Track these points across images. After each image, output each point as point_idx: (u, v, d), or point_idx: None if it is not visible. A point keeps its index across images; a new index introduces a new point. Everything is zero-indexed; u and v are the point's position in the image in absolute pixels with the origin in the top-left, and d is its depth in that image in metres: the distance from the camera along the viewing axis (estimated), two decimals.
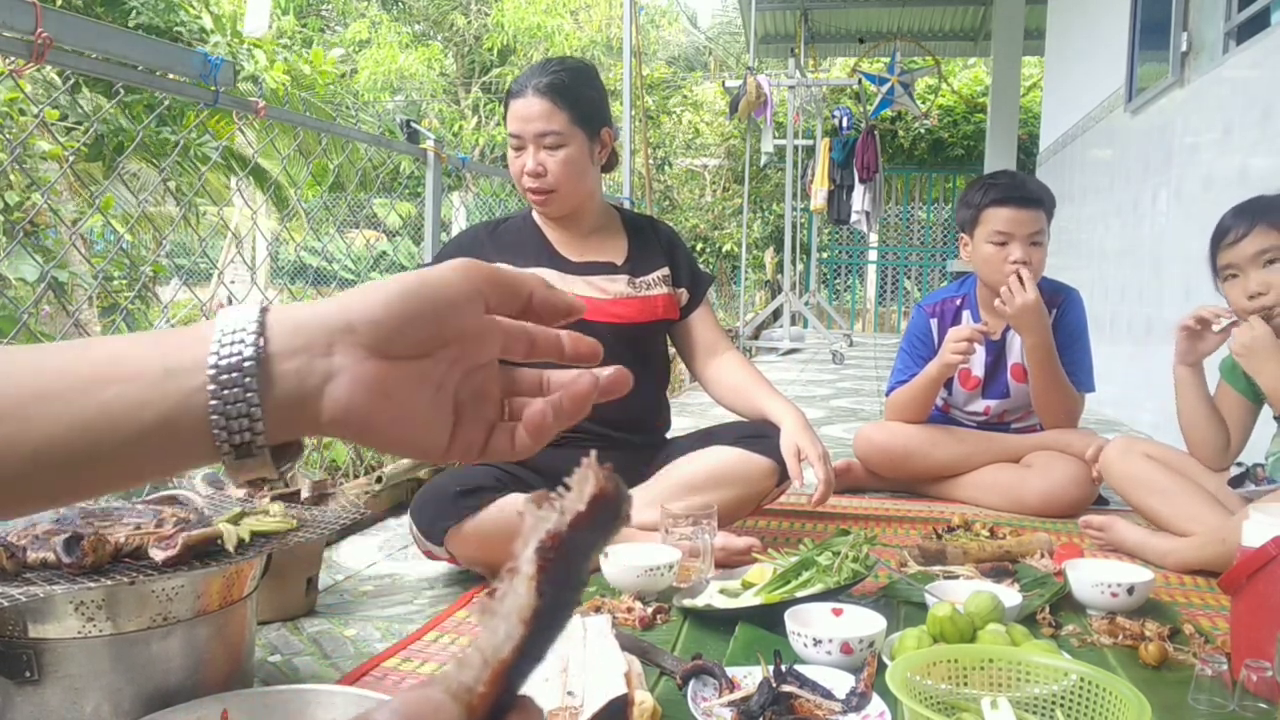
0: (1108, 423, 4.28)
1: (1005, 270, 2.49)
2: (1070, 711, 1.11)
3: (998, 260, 2.51)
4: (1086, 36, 5.98)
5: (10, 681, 1.11)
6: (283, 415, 0.44)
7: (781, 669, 1.27)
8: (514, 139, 2.08)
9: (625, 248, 2.20)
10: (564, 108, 2.03)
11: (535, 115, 2.03)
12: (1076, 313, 2.64)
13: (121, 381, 0.42)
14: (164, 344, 0.44)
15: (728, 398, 2.22)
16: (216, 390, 0.42)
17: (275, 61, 6.80)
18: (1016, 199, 2.51)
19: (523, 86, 2.06)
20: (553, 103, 2.03)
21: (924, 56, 10.80)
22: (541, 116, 2.02)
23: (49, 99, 3.57)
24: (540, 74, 2.06)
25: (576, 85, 2.07)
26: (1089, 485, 2.51)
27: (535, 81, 2.04)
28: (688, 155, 14.89)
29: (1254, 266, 2.02)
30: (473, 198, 6.27)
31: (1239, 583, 1.37)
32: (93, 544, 1.11)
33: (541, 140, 2.04)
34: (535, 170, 2.04)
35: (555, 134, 2.03)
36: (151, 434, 0.43)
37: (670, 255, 2.25)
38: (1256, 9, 3.32)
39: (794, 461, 2.00)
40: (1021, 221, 2.50)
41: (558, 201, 2.09)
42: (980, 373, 2.70)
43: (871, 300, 13.00)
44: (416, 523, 1.89)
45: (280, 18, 9.57)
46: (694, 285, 2.27)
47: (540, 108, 2.02)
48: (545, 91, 2.03)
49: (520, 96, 2.05)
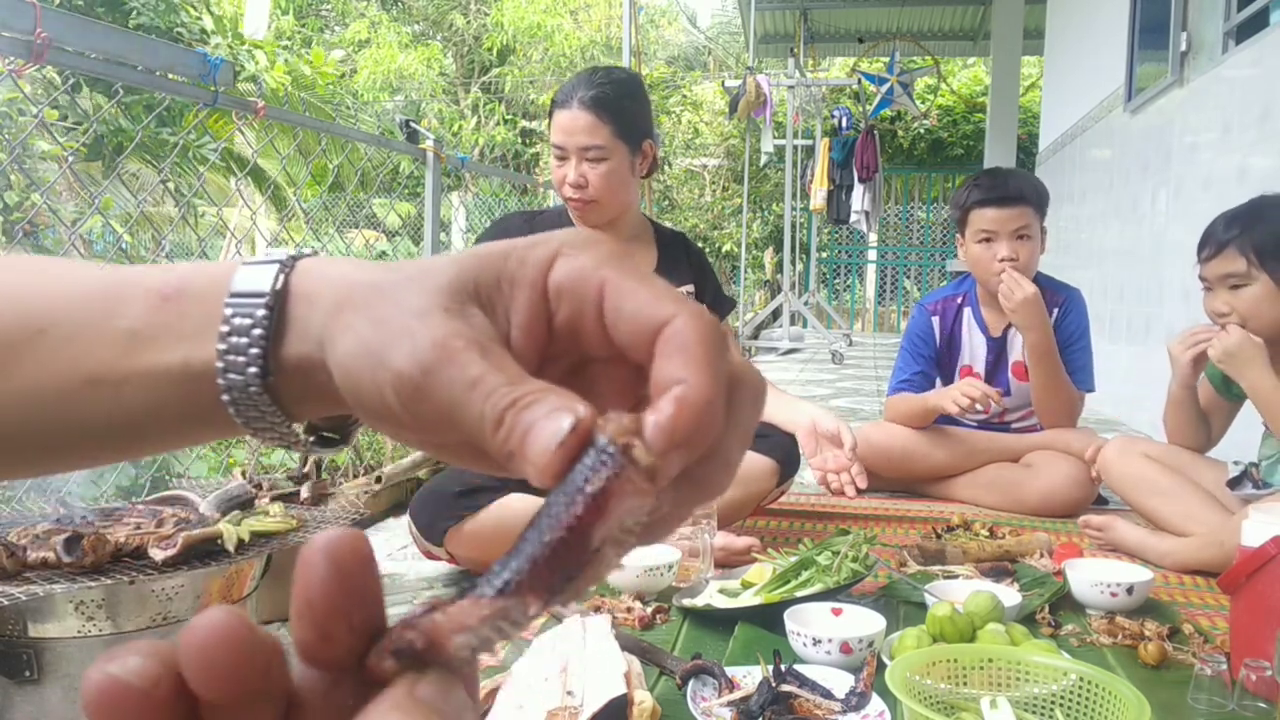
0: (1107, 422, 4.28)
1: (994, 269, 2.52)
2: (1070, 711, 1.11)
3: (986, 259, 2.54)
4: (1086, 36, 5.98)
5: (10, 681, 1.11)
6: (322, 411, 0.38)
7: (781, 669, 1.27)
8: (557, 149, 2.09)
9: (654, 261, 2.22)
10: (607, 121, 2.04)
11: (579, 129, 2.03)
12: (1078, 312, 2.65)
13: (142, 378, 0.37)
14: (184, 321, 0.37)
15: None
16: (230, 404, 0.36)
17: (275, 62, 6.80)
18: (997, 199, 2.54)
19: (568, 98, 2.06)
20: (597, 116, 2.04)
21: (923, 56, 10.81)
22: (585, 130, 2.03)
23: (49, 99, 3.57)
24: (586, 86, 2.06)
25: (621, 98, 2.08)
26: (1088, 485, 2.51)
27: (581, 94, 2.05)
28: (687, 155, 14.88)
29: (1221, 286, 2.06)
30: (472, 198, 6.27)
31: (1238, 582, 1.37)
32: (93, 544, 1.11)
33: (585, 153, 2.05)
34: (577, 182, 2.06)
35: (598, 148, 2.04)
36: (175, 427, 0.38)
37: (699, 275, 2.28)
38: (1256, 9, 3.32)
39: (809, 439, 2.02)
40: (1004, 219, 2.53)
41: (597, 212, 2.11)
42: (981, 370, 2.70)
43: (871, 300, 13.00)
44: (416, 523, 1.89)
45: (280, 18, 9.57)
46: (715, 306, 2.29)
47: (585, 121, 2.03)
48: (590, 105, 2.04)
49: (565, 108, 2.06)
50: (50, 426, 0.38)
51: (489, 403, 0.29)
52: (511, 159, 13.96)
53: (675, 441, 0.27)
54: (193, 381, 0.37)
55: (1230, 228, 2.06)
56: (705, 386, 0.28)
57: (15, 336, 0.37)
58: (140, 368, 0.37)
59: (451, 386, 0.30)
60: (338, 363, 0.34)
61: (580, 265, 0.32)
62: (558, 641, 1.34)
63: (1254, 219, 2.04)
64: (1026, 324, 2.49)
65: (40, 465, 0.41)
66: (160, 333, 0.37)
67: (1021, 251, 2.52)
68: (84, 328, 0.37)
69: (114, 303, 0.37)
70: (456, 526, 1.82)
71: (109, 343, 0.37)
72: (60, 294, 0.38)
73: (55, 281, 0.39)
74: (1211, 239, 2.09)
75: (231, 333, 0.35)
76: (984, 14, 10.65)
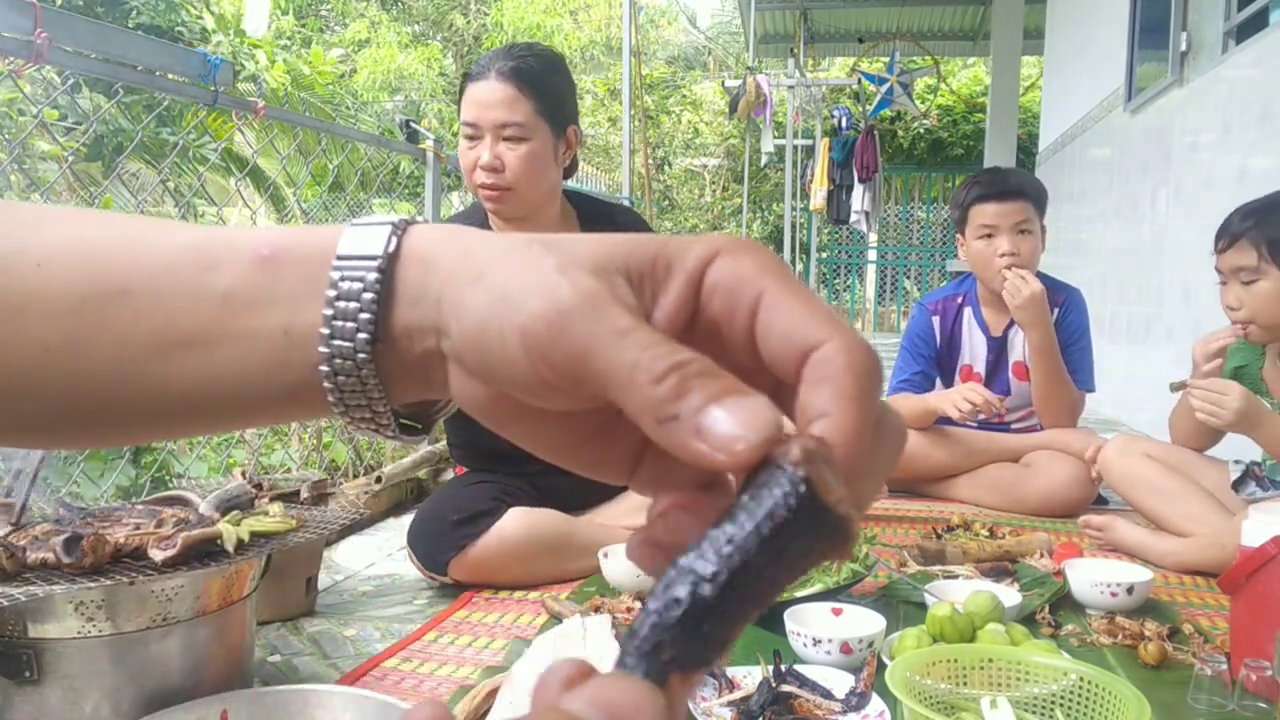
0: (1107, 422, 4.28)
1: (996, 265, 2.52)
2: (1070, 711, 1.11)
3: (988, 254, 2.55)
4: (1086, 36, 5.98)
5: (10, 681, 1.11)
6: (413, 393, 0.36)
7: (781, 669, 1.27)
8: (469, 127, 1.86)
9: None
10: (529, 97, 1.83)
11: (496, 102, 1.82)
12: (1079, 312, 2.65)
13: (237, 342, 0.35)
14: (283, 284, 0.35)
15: None
16: (330, 374, 0.34)
17: (275, 62, 6.80)
18: (997, 193, 2.56)
19: (484, 69, 1.85)
20: (517, 90, 1.83)
21: (923, 56, 10.80)
22: (503, 104, 1.82)
23: (49, 99, 3.57)
24: (505, 58, 1.85)
25: (546, 74, 1.88)
26: (1088, 485, 2.51)
27: (499, 65, 1.83)
28: (687, 155, 14.89)
29: (1234, 279, 2.05)
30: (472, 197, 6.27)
31: (1238, 582, 1.37)
32: (92, 544, 1.11)
33: (501, 131, 1.83)
34: (491, 164, 1.84)
35: (517, 125, 1.83)
36: (263, 401, 0.36)
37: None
38: (1256, 9, 3.32)
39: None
40: (1005, 213, 2.54)
41: (514, 201, 1.89)
42: (982, 370, 2.70)
43: (871, 300, 12.99)
44: (415, 553, 1.86)
45: (280, 18, 9.57)
46: None
47: (503, 94, 1.82)
48: (510, 76, 1.83)
49: (481, 79, 1.84)
50: (138, 390, 0.36)
51: (647, 353, 0.27)
52: None
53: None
54: (291, 349, 0.35)
55: (1245, 220, 2.04)
56: (854, 425, 0.27)
57: (96, 296, 0.35)
58: (237, 330, 0.35)
59: (594, 330, 0.28)
60: (464, 315, 0.31)
61: (742, 268, 0.30)
62: (558, 641, 1.34)
63: (1270, 212, 2.03)
64: (1030, 321, 2.49)
65: (126, 432, 0.39)
66: (258, 295, 0.35)
67: (1023, 246, 2.53)
68: (174, 288, 0.35)
69: (208, 263, 0.35)
70: (458, 557, 1.79)
71: (203, 304, 0.35)
72: (148, 253, 0.36)
73: (142, 239, 0.37)
74: (1226, 231, 2.07)
75: (339, 296, 0.33)
76: (984, 14, 10.64)
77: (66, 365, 0.36)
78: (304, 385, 0.35)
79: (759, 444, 0.25)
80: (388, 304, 0.33)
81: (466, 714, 1.23)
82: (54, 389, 0.36)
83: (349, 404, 0.35)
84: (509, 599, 1.80)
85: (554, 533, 1.88)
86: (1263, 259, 1.99)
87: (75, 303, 0.35)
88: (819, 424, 0.27)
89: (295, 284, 0.35)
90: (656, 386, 0.27)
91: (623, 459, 0.33)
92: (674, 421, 0.26)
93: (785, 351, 0.29)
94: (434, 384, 0.34)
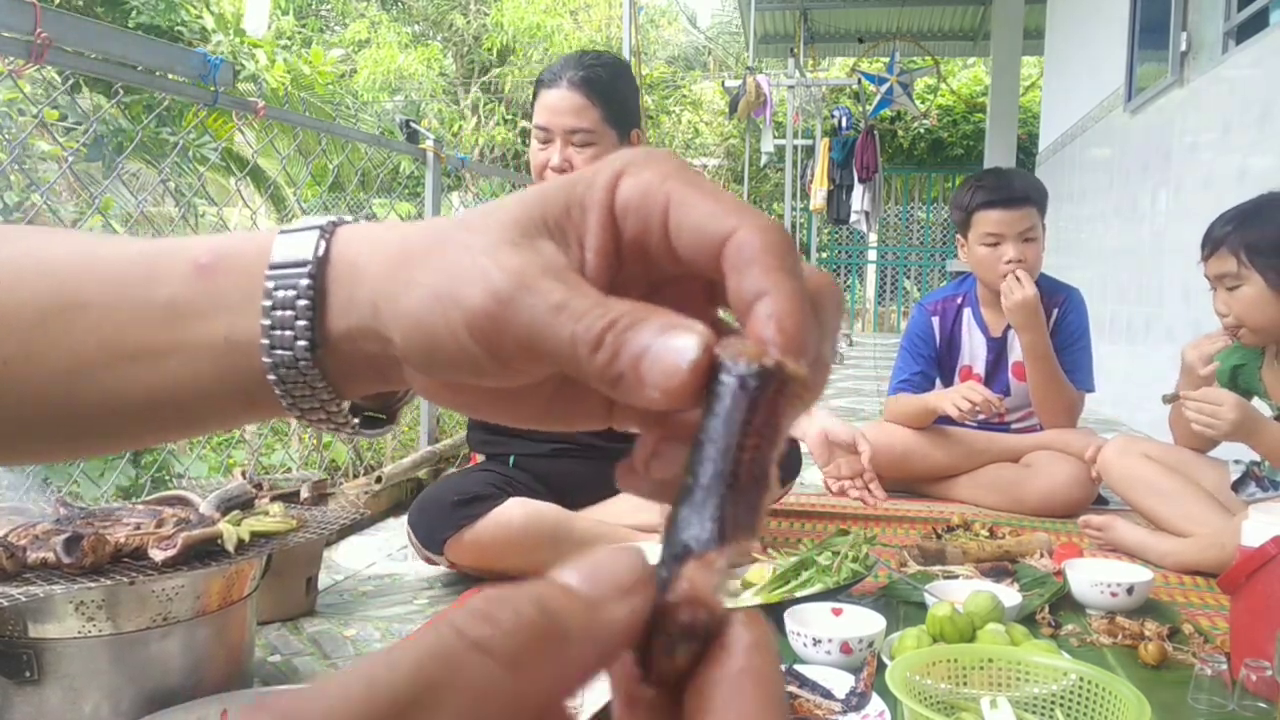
0: (1107, 422, 4.28)
1: (1000, 270, 2.51)
2: (1070, 711, 1.11)
3: (992, 261, 2.53)
4: (1086, 36, 5.98)
5: (10, 681, 1.11)
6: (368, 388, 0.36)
7: (781, 669, 1.27)
8: (541, 131, 1.97)
9: None
10: (598, 104, 1.95)
11: (567, 109, 1.93)
12: (1078, 312, 2.64)
13: (182, 352, 0.35)
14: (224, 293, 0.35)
15: None
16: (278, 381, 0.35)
17: (275, 62, 6.80)
18: (1003, 200, 2.52)
19: (556, 76, 1.95)
20: (587, 98, 1.93)
21: (923, 56, 10.81)
22: (574, 111, 1.93)
23: (49, 99, 3.57)
24: (576, 66, 1.96)
25: (613, 81, 1.98)
26: (1088, 485, 2.51)
27: (570, 74, 1.94)
28: (687, 155, 14.88)
29: (1220, 286, 2.07)
30: (472, 198, 6.26)
31: (1238, 582, 1.37)
32: (93, 544, 1.11)
33: (571, 136, 1.94)
34: (560, 167, 1.94)
35: (586, 131, 1.94)
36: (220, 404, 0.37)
37: None
38: (1256, 9, 3.32)
39: (821, 448, 2.00)
40: (1011, 221, 2.51)
41: None
42: (981, 370, 2.70)
43: (871, 300, 13.00)
44: (415, 533, 1.88)
45: (280, 18, 9.57)
46: None
47: (573, 101, 1.93)
48: (580, 85, 1.93)
49: (553, 87, 1.95)
50: (93, 403, 0.37)
51: (581, 324, 0.28)
52: (511, 159, 13.96)
53: (800, 353, 0.27)
54: (237, 355, 0.35)
55: (1224, 226, 2.05)
56: (791, 294, 0.27)
57: (52, 311, 0.36)
58: (181, 340, 0.35)
59: (533, 313, 0.29)
60: (403, 319, 0.32)
61: (645, 180, 0.30)
62: None
63: (1248, 217, 2.03)
64: (1022, 325, 2.49)
65: (81, 444, 0.40)
66: (200, 303, 0.35)
67: (1028, 253, 2.51)
68: (123, 300, 0.36)
69: (153, 274, 0.36)
70: (456, 536, 1.81)
71: (149, 315, 0.35)
72: (98, 266, 0.36)
73: (92, 254, 0.37)
74: (1209, 238, 2.08)
75: (275, 306, 0.34)
76: (984, 14, 10.64)
77: (22, 377, 0.36)
78: (257, 389, 0.35)
79: (690, 373, 0.26)
80: (325, 308, 0.34)
81: None
82: (9, 402, 0.37)
83: (302, 407, 0.35)
84: None
85: (553, 524, 1.89)
86: (1242, 264, 2.00)
87: (35, 318, 0.36)
88: (761, 304, 0.27)
89: (233, 292, 0.35)
90: (596, 354, 0.28)
91: (596, 405, 0.34)
92: (621, 380, 0.27)
93: (701, 246, 0.29)
94: (389, 378, 0.35)
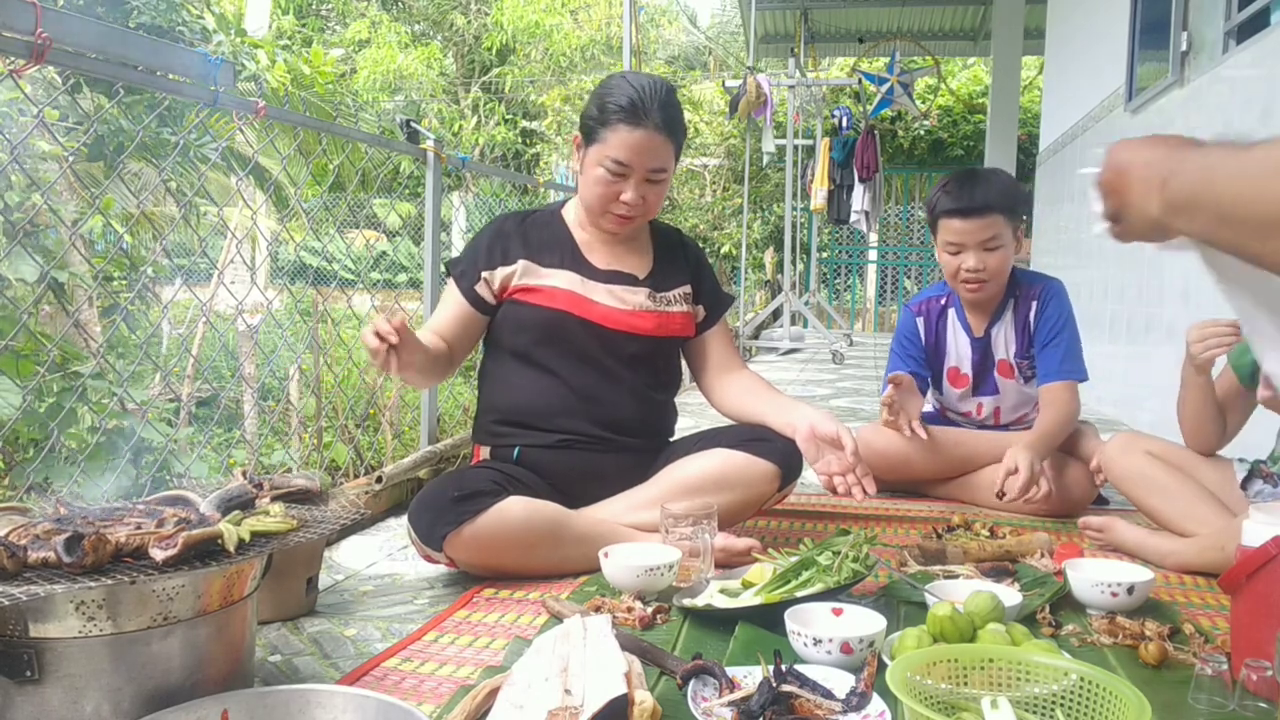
0: (1108, 422, 4.28)
1: (960, 278, 2.52)
2: (1070, 711, 1.11)
3: (953, 268, 2.55)
4: (1086, 36, 5.98)
5: (10, 681, 1.11)
6: None
7: (781, 669, 1.27)
8: (620, 166, 1.96)
9: (650, 261, 2.16)
10: (674, 142, 2.01)
11: (652, 150, 1.96)
12: (1058, 304, 2.61)
13: None
14: None
15: (743, 406, 2.16)
16: None
17: (276, 62, 6.79)
18: (963, 210, 2.49)
19: (640, 117, 1.94)
20: (667, 138, 1.98)
21: (923, 56, 10.80)
22: (658, 154, 1.97)
23: (49, 99, 3.57)
24: (660, 108, 1.96)
25: (681, 117, 2.04)
26: (1089, 485, 2.51)
27: (656, 117, 1.95)
28: (687, 155, 14.89)
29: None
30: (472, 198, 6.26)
31: (1238, 582, 1.37)
32: (93, 544, 1.11)
33: (651, 174, 1.99)
34: (636, 203, 1.99)
35: (663, 170, 2.00)
36: None
37: (695, 272, 2.21)
38: (1256, 9, 3.31)
39: (809, 444, 2.00)
40: (971, 231, 2.49)
41: (637, 226, 2.09)
42: (968, 371, 2.70)
43: (871, 300, 13.01)
44: (414, 529, 1.88)
45: (280, 17, 9.57)
46: (713, 305, 2.23)
47: (659, 143, 1.96)
48: (663, 128, 1.96)
49: (639, 128, 1.94)
50: None
51: None
52: (511, 159, 13.96)
53: None
54: None
55: None
56: None
57: None
58: None
59: None
60: None
61: None
62: (558, 641, 1.34)
63: None
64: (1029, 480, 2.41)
65: None
66: None
67: (990, 261, 2.50)
68: None
69: None
70: (455, 532, 1.81)
71: None
72: None
73: None
74: None
75: None
76: (984, 14, 10.64)
77: None
78: None
79: None
80: None
81: (467, 714, 1.23)
82: None
83: None
84: (509, 599, 1.80)
85: (552, 523, 1.89)
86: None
87: None
88: None
89: None
90: None
91: None
92: None
93: None
94: None
